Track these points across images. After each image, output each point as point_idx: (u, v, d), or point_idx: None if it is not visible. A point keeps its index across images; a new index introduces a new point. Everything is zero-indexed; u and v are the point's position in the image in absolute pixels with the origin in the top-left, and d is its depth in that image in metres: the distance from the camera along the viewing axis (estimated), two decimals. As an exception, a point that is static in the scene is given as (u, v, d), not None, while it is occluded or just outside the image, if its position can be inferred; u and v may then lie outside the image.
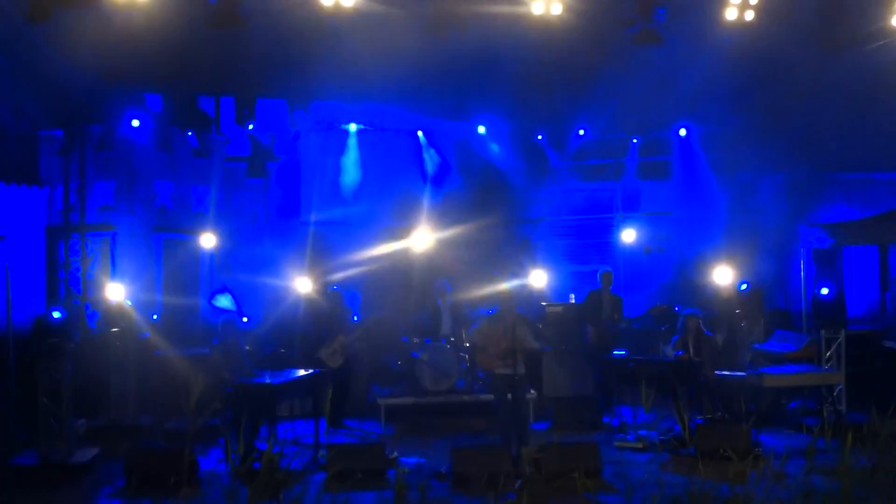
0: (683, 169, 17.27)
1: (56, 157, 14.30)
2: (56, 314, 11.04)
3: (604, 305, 13.29)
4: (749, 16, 11.32)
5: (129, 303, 12.52)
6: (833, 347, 12.35)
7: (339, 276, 14.63)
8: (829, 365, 12.27)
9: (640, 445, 11.03)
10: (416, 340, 13.02)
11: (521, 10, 11.02)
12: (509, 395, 10.46)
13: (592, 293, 13.37)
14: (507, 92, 14.26)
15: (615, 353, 12.77)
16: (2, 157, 13.30)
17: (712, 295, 13.80)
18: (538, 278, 14.34)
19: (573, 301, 14.28)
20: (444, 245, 15.29)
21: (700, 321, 11.80)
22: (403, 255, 15.26)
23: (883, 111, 13.68)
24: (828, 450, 7.90)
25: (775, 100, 14.21)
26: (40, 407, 10.34)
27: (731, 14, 11.32)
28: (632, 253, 17.09)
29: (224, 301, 14.27)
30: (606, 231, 17.56)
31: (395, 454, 10.25)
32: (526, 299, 14.23)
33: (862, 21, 11.66)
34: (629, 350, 12.96)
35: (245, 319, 13.66)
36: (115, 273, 13.86)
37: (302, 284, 13.02)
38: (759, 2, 11.23)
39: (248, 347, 11.49)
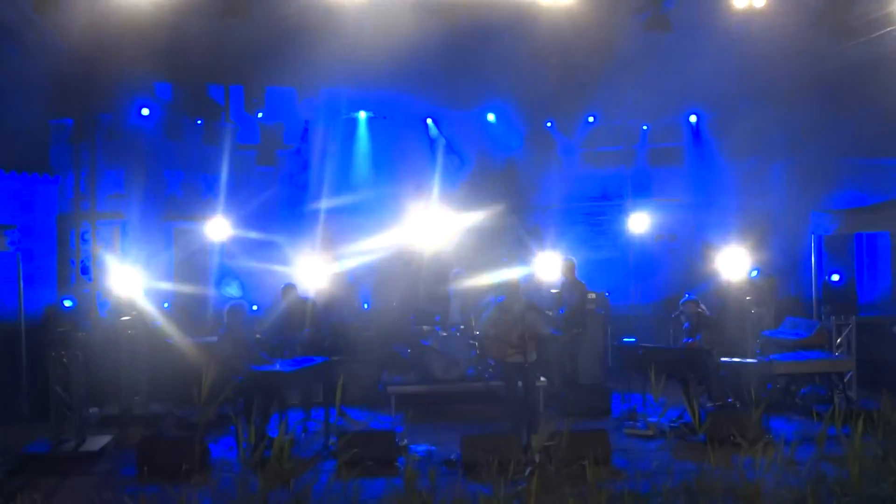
0: (694, 155, 17.24)
1: (66, 146, 14.33)
2: (67, 303, 11.09)
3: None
4: (759, 2, 11.26)
5: (140, 291, 12.57)
6: (844, 334, 12.33)
7: (348, 263, 14.68)
8: (839, 352, 12.26)
9: (649, 433, 11.05)
10: (425, 328, 13.03)
11: (530, -4, 11.00)
12: (519, 383, 10.46)
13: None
14: (516, 79, 14.24)
15: (624, 339, 12.79)
16: (12, 146, 13.30)
17: (723, 282, 13.78)
18: (548, 265, 14.33)
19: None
20: (453, 233, 15.29)
21: (699, 305, 11.80)
22: (413, 242, 15.25)
23: (892, 97, 13.59)
24: (838, 436, 7.87)
25: (785, 85, 14.14)
26: (52, 395, 10.40)
27: (740, 0, 11.27)
28: (642, 240, 17.06)
29: (231, 290, 14.31)
30: (617, 218, 17.53)
31: (406, 442, 10.28)
32: (536, 286, 14.23)
33: (870, 7, 11.60)
34: (639, 337, 12.96)
35: (255, 307, 13.69)
36: (125, 261, 13.90)
37: (311, 272, 13.04)
38: (768, -13, 11.19)
39: (257, 335, 11.51)
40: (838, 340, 12.34)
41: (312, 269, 13.68)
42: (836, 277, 12.78)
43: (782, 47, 12.82)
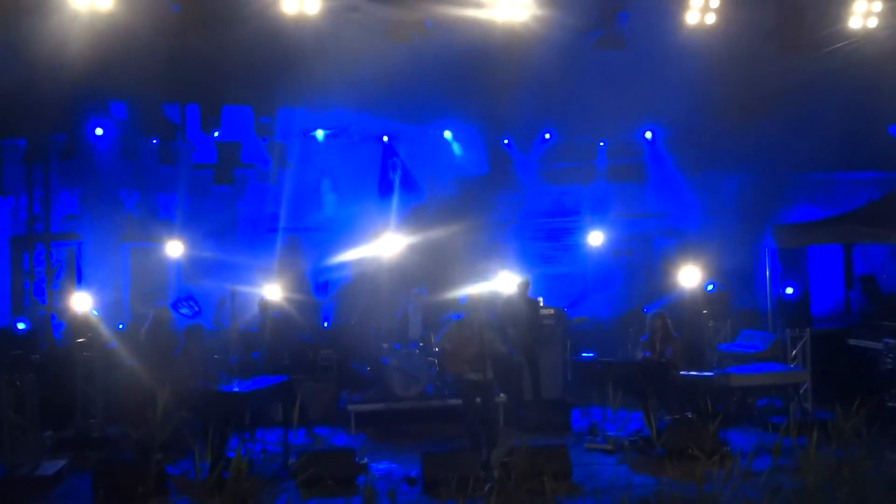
0: (651, 171, 17.38)
1: (19, 167, 14.14)
2: (21, 325, 10.95)
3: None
4: (710, 19, 11.42)
5: (95, 313, 12.44)
6: (798, 346, 12.45)
7: (308, 281, 14.63)
8: (794, 364, 12.38)
9: (609, 447, 11.09)
10: (385, 346, 13.01)
11: (485, 15, 11.06)
12: (478, 400, 10.47)
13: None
14: (472, 97, 14.30)
15: (583, 354, 12.82)
16: (-36, 167, 13.18)
17: (680, 296, 13.89)
18: (507, 282, 14.36)
19: (541, 304, 14.28)
20: (413, 250, 15.29)
21: (666, 320, 11.84)
22: (372, 260, 15.23)
23: (844, 112, 13.83)
24: (794, 447, 7.95)
25: (738, 102, 14.32)
26: (5, 419, 10.24)
27: (692, 17, 11.42)
28: (600, 255, 17.16)
29: (184, 310, 14.20)
30: (575, 234, 17.61)
31: (365, 460, 10.24)
32: (495, 303, 14.25)
33: (822, 24, 11.78)
34: (597, 352, 12.99)
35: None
36: (80, 283, 13.74)
37: (270, 292, 12.98)
38: (719, 5, 11.34)
39: (216, 356, 11.41)
40: (793, 353, 12.46)
41: (271, 288, 13.61)
42: (790, 290, 12.95)
43: (735, 64, 13.00)
